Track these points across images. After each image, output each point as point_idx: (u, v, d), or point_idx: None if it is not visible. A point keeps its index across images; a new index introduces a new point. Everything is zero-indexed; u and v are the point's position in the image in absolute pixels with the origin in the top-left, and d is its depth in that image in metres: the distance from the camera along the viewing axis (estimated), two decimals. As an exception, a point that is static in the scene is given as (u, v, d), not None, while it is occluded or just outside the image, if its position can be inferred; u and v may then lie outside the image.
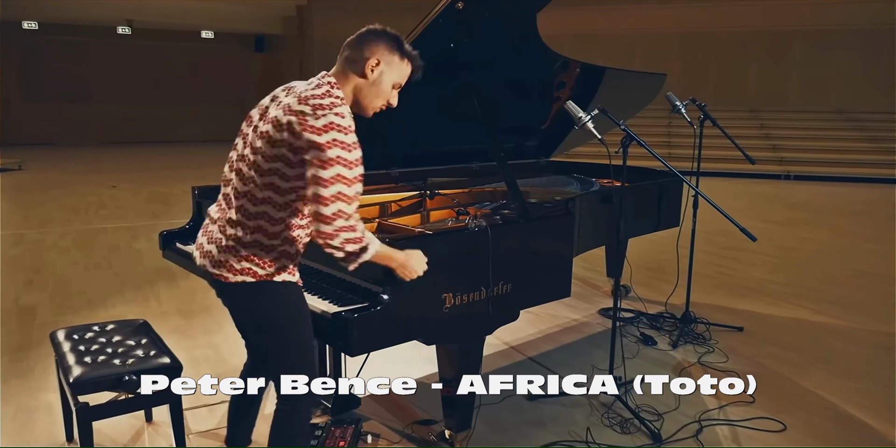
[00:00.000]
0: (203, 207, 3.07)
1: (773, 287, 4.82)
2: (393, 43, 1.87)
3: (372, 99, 1.87)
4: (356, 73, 1.84)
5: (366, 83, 1.85)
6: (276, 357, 1.95)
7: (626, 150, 2.63)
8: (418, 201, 3.09)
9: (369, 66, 1.83)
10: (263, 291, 1.86)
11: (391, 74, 1.87)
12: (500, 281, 2.27)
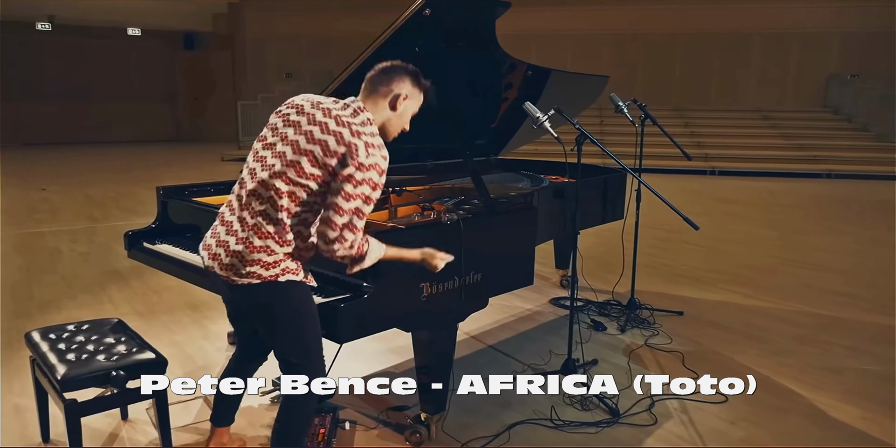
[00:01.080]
0: (168, 207, 3.12)
1: (706, 274, 5.16)
2: (415, 78, 2.03)
3: (397, 128, 2.05)
4: (386, 105, 1.99)
5: (394, 115, 2.01)
6: (285, 355, 2.05)
7: (581, 148, 2.83)
8: (383, 198, 3.20)
9: (400, 100, 1.99)
10: (270, 291, 1.94)
11: (413, 106, 2.06)
12: (472, 270, 2.42)
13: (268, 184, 1.91)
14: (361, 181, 1.83)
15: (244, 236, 1.93)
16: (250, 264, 1.91)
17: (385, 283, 2.14)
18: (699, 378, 2.54)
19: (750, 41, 15.24)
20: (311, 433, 2.49)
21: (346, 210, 1.83)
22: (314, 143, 1.87)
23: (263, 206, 1.92)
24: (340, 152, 1.84)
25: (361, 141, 1.85)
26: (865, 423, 2.79)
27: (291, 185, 1.88)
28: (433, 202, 3.09)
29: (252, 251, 1.91)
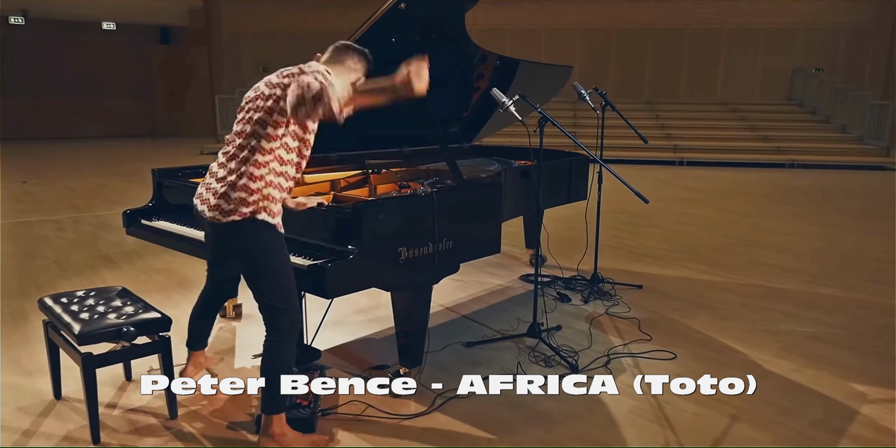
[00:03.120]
0: (163, 187, 3.36)
1: (664, 254, 5.52)
2: (365, 58, 2.45)
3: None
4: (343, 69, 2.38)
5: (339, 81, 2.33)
6: (268, 298, 2.33)
7: (543, 130, 3.13)
8: (363, 178, 3.49)
9: (349, 64, 2.41)
10: (250, 228, 2.25)
11: (350, 77, 2.43)
12: (444, 238, 2.71)
13: (241, 132, 2.29)
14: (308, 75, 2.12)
15: (226, 178, 2.26)
16: (233, 202, 2.23)
17: (367, 247, 2.42)
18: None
19: (718, 36, 15.71)
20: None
21: (300, 83, 2.02)
22: (271, 86, 2.25)
23: (242, 152, 2.26)
24: (285, 83, 2.20)
25: (299, 70, 2.22)
26: (795, 373, 3.14)
27: (256, 125, 2.24)
28: (409, 181, 3.37)
29: (234, 190, 2.23)
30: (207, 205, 2.29)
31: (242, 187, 2.22)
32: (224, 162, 2.31)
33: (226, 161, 2.30)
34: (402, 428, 2.59)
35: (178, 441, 2.48)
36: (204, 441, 2.49)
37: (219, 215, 2.25)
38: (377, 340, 3.53)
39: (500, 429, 2.59)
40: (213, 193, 2.28)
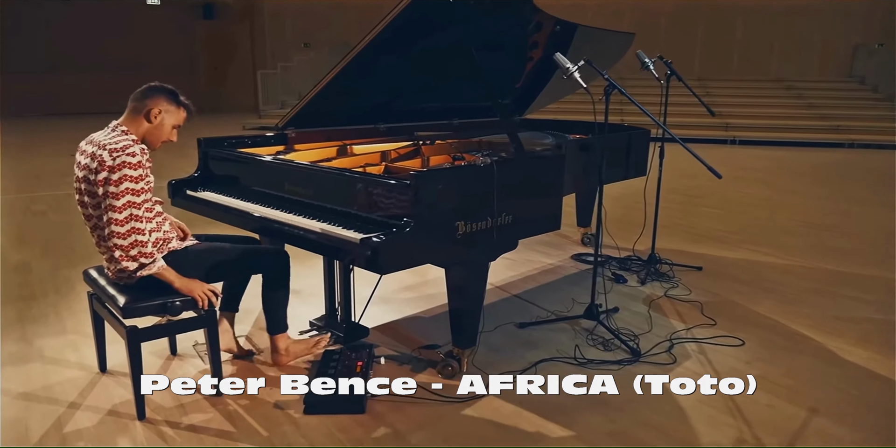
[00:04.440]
0: (208, 157, 3.26)
1: (722, 234, 5.26)
2: (170, 95, 2.46)
3: (159, 137, 2.46)
4: (143, 119, 2.40)
5: (152, 126, 2.42)
6: (232, 273, 2.68)
7: (609, 98, 2.93)
8: (414, 149, 3.33)
9: (153, 114, 2.40)
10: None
11: (171, 118, 2.46)
12: (503, 212, 2.55)
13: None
14: (119, 180, 2.23)
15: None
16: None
17: (423, 220, 2.27)
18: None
19: (773, 10, 15.02)
20: (348, 365, 2.66)
21: (119, 207, 2.25)
22: (82, 169, 2.33)
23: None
24: (93, 166, 2.26)
25: (106, 150, 2.25)
26: (874, 363, 2.91)
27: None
28: (463, 153, 3.21)
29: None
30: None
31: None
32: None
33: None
34: (455, 411, 2.46)
35: (223, 418, 2.39)
36: (249, 419, 2.40)
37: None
38: (426, 319, 3.40)
39: (561, 415, 2.44)
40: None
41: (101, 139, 2.33)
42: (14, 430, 2.32)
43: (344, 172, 2.60)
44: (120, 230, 2.26)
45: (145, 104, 2.40)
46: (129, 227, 2.27)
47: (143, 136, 2.41)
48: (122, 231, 2.26)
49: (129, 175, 2.25)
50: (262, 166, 2.95)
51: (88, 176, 2.30)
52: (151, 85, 2.46)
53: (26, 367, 2.81)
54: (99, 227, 2.36)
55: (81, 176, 2.35)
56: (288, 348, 2.80)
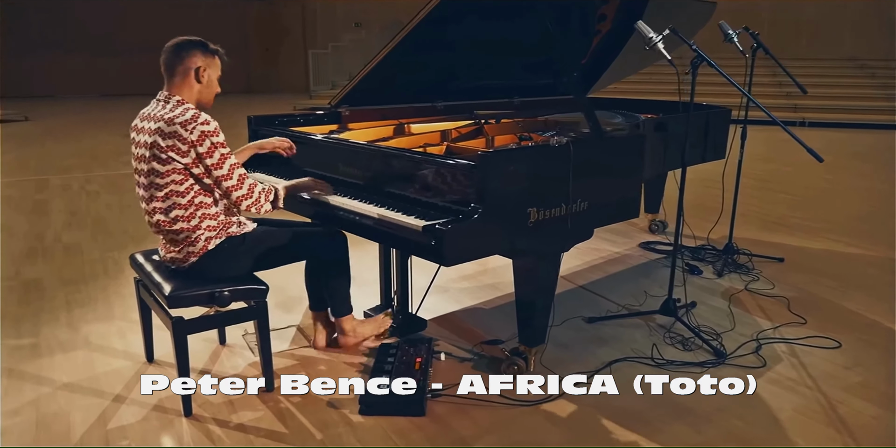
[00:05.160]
0: (259, 136, 3.08)
1: (800, 222, 4.89)
2: (203, 47, 2.28)
3: (211, 96, 2.32)
4: (192, 81, 2.24)
5: (203, 86, 2.27)
6: (289, 257, 2.53)
7: (696, 71, 2.63)
8: (476, 128, 3.09)
9: (201, 73, 2.25)
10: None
11: (215, 72, 2.32)
12: (579, 198, 2.30)
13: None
14: (209, 151, 2.15)
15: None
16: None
17: (492, 206, 2.04)
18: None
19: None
20: (406, 362, 2.47)
21: (227, 174, 2.20)
22: (146, 147, 2.19)
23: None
24: (164, 144, 2.12)
25: (176, 125, 2.12)
26: None
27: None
28: (530, 133, 2.96)
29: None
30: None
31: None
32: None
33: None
34: (524, 415, 2.24)
35: (274, 417, 2.23)
36: (302, 418, 2.23)
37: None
38: (486, 311, 3.18)
39: (642, 423, 2.20)
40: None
41: (160, 113, 2.19)
42: (56, 425, 2.19)
43: (403, 152, 2.39)
44: (242, 192, 2.24)
45: (187, 65, 2.24)
46: (247, 185, 2.26)
47: (196, 100, 2.27)
48: (245, 191, 2.25)
49: (216, 142, 2.17)
50: (314, 146, 2.76)
51: (159, 153, 2.15)
52: (179, 42, 2.27)
53: (72, 354, 2.71)
54: (149, 198, 2.25)
55: (148, 154, 2.18)
56: (355, 329, 2.69)
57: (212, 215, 2.27)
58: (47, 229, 4.64)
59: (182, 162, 2.15)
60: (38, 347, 2.76)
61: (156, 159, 2.15)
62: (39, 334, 2.89)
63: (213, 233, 2.27)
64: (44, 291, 3.42)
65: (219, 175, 2.20)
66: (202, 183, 2.23)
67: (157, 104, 2.25)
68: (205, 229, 2.25)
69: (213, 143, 2.16)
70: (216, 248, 2.28)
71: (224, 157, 2.19)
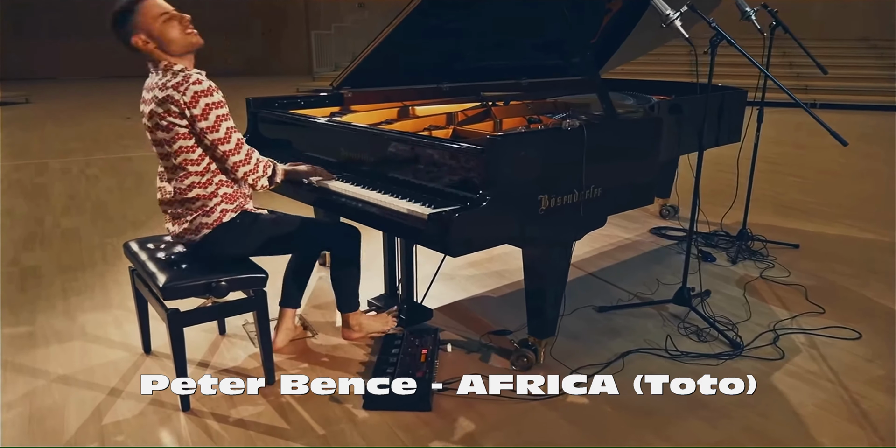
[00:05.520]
0: (258, 119, 2.97)
1: (813, 207, 4.77)
2: (121, 18, 2.05)
3: (182, 42, 2.09)
4: (152, 47, 2.06)
5: (157, 46, 2.06)
6: (302, 246, 2.47)
7: (715, 50, 2.50)
8: (484, 110, 2.98)
9: (140, 45, 2.05)
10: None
11: (153, 25, 2.04)
12: (592, 184, 2.19)
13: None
14: (203, 112, 2.01)
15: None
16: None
17: (502, 194, 1.94)
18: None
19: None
20: (412, 354, 2.38)
21: (224, 137, 2.06)
22: (148, 117, 2.08)
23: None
24: (165, 109, 2.01)
25: (169, 89, 2.00)
26: None
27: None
28: (539, 115, 2.84)
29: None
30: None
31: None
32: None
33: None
34: (531, 410, 2.16)
35: (275, 412, 2.15)
36: (304, 413, 2.15)
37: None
38: (493, 299, 3.09)
39: (652, 418, 2.11)
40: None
41: (155, 81, 2.09)
42: (50, 420, 2.12)
43: (407, 136, 2.28)
44: (239, 157, 2.11)
45: (130, 46, 2.08)
46: (245, 150, 2.13)
47: (170, 55, 2.08)
48: (242, 157, 2.12)
49: (210, 102, 2.02)
50: (315, 129, 2.65)
51: (159, 121, 2.05)
52: (108, 22, 2.08)
53: (68, 345, 2.63)
54: (167, 167, 2.17)
55: (150, 124, 2.09)
56: (361, 324, 2.61)
57: (228, 182, 2.18)
58: (47, 214, 4.56)
59: (182, 125, 2.04)
60: (34, 337, 2.69)
61: (159, 128, 2.06)
62: (35, 323, 2.82)
63: (230, 205, 2.18)
64: (41, 278, 3.34)
65: (215, 138, 2.06)
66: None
67: (153, 73, 2.14)
68: (221, 197, 2.16)
69: (207, 105, 2.01)
70: (230, 223, 2.19)
71: (220, 119, 2.04)
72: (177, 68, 2.07)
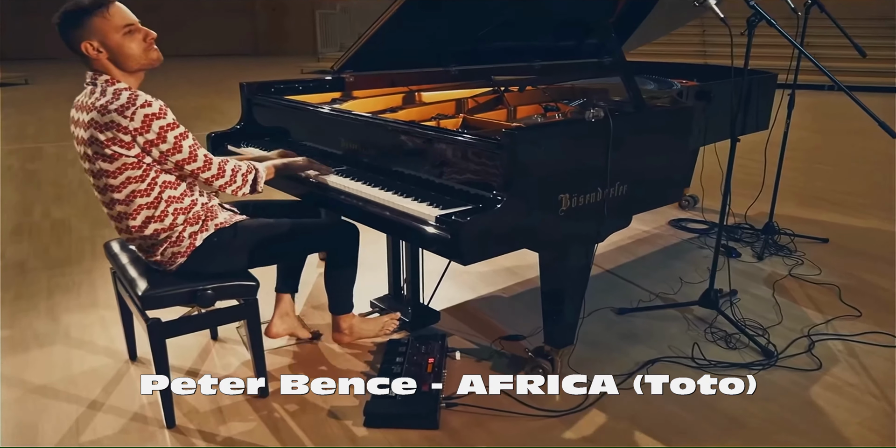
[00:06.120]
0: (253, 105, 2.77)
1: (842, 197, 4.53)
2: (72, 20, 1.77)
3: (136, 58, 1.83)
4: (101, 57, 1.80)
5: (109, 56, 1.80)
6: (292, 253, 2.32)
7: (753, 31, 2.27)
8: (496, 97, 2.76)
9: (90, 51, 1.79)
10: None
11: (113, 35, 1.79)
12: (617, 181, 1.98)
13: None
14: (160, 136, 1.77)
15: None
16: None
17: (519, 194, 1.73)
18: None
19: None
20: (418, 362, 2.20)
21: (190, 156, 1.84)
22: (85, 144, 1.80)
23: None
24: (108, 137, 1.74)
25: (112, 113, 1.73)
26: None
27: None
28: (559, 102, 2.62)
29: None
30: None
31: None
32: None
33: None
34: (546, 428, 1.97)
35: (267, 429, 1.97)
36: (298, 430, 1.97)
37: None
38: (504, 299, 2.90)
39: (684, 440, 1.92)
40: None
41: (90, 101, 1.80)
42: (22, 438, 1.95)
43: (413, 127, 2.07)
44: (211, 172, 1.90)
45: (74, 47, 1.80)
46: (216, 164, 1.91)
47: (122, 69, 1.82)
48: (214, 171, 1.90)
49: (165, 124, 1.77)
50: (313, 118, 2.44)
51: (101, 150, 1.77)
52: (54, 22, 1.79)
53: (49, 350, 2.45)
54: (109, 202, 1.90)
55: (91, 152, 1.79)
56: (352, 327, 2.38)
57: (184, 209, 1.92)
58: (36, 203, 4.38)
59: (131, 155, 1.78)
60: (13, 341, 2.51)
61: (101, 157, 1.78)
62: (16, 325, 2.64)
63: (196, 226, 1.95)
64: (26, 275, 3.16)
65: (179, 159, 1.83)
66: (165, 173, 1.86)
67: (87, 88, 1.85)
68: (183, 224, 1.92)
69: (162, 127, 1.76)
70: (205, 244, 1.96)
71: (179, 139, 1.80)
72: (119, 86, 1.79)
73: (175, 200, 1.90)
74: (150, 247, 1.94)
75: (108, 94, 1.77)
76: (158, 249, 1.93)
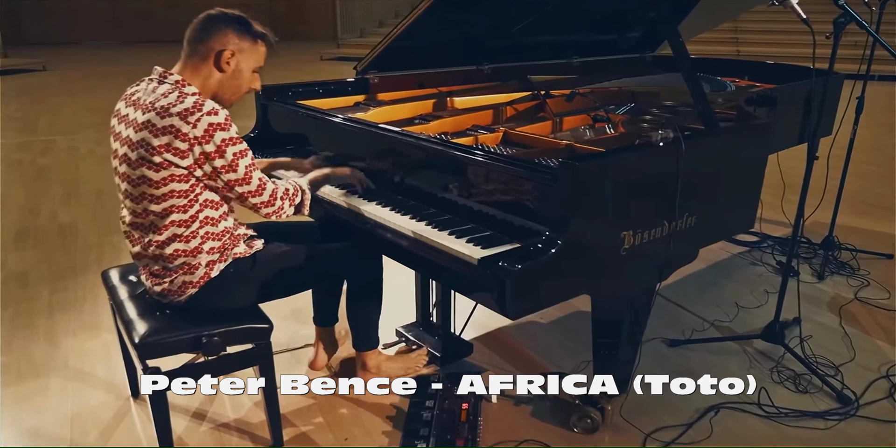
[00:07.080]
0: (269, 111, 2.52)
1: (897, 204, 4.21)
2: (240, 26, 1.71)
3: (236, 90, 1.76)
4: (211, 67, 1.70)
5: (225, 77, 1.72)
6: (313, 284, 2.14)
7: (840, 33, 1.98)
8: (538, 103, 2.48)
9: (225, 58, 1.69)
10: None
11: (249, 60, 1.74)
12: (686, 212, 1.71)
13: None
14: (220, 150, 1.61)
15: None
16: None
17: (577, 236, 1.46)
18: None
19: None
20: (450, 409, 1.96)
21: (244, 177, 1.67)
22: (131, 146, 1.62)
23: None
24: (163, 143, 1.57)
25: (173, 116, 1.57)
26: None
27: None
28: (609, 111, 2.34)
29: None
30: None
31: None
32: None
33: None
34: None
35: (282, 490, 1.74)
36: (317, 490, 1.74)
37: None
38: (542, 326, 2.64)
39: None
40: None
41: (150, 99, 1.63)
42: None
43: (450, 148, 1.80)
44: (262, 198, 1.74)
45: (209, 45, 1.68)
46: (269, 190, 1.75)
47: (213, 90, 1.72)
48: (266, 198, 1.74)
49: (227, 138, 1.62)
50: (333, 130, 2.19)
51: (150, 156, 1.59)
52: (210, 14, 1.71)
53: (44, 382, 2.24)
54: (141, 213, 1.69)
55: (135, 156, 1.61)
56: (380, 366, 2.17)
57: (216, 235, 1.73)
58: (44, 203, 4.18)
59: (182, 165, 1.60)
60: (8, 371, 2.31)
61: (147, 164, 1.59)
62: (11, 351, 2.44)
63: (216, 256, 1.74)
64: (27, 289, 2.96)
65: (232, 179, 1.66)
66: (210, 191, 1.69)
67: (149, 84, 1.68)
68: (206, 252, 1.72)
69: (224, 140, 1.61)
70: (221, 275, 1.75)
71: (238, 157, 1.64)
72: (189, 90, 1.65)
73: (210, 222, 1.71)
74: (161, 271, 1.72)
75: (173, 95, 1.62)
76: (169, 277, 1.72)
